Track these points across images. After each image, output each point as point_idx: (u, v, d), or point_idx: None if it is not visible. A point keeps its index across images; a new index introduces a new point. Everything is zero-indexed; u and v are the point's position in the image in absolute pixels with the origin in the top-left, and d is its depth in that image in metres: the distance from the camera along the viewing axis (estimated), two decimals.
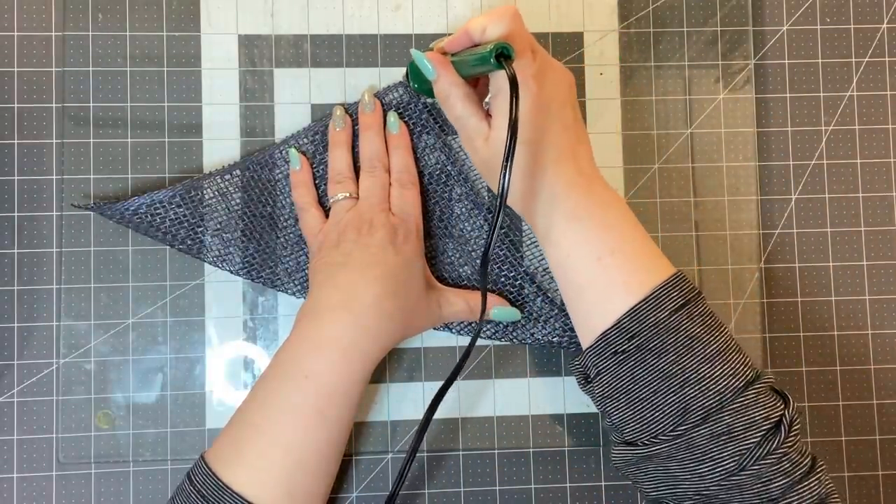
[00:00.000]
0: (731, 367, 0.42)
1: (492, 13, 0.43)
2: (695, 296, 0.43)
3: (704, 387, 0.41)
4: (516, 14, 0.43)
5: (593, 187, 0.45)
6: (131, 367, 0.52)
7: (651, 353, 0.42)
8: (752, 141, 0.56)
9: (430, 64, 0.46)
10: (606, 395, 0.44)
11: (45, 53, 0.53)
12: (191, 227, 0.51)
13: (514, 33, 0.42)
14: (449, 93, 0.46)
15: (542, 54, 0.44)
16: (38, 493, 0.51)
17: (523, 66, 0.42)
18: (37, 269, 0.52)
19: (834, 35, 0.57)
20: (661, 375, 0.42)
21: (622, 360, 0.43)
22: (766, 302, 0.55)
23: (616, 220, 0.44)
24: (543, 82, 0.43)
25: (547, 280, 0.52)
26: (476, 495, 0.53)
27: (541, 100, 0.43)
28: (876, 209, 0.56)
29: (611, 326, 0.43)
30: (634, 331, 0.42)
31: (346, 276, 0.46)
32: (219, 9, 0.54)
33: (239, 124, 0.53)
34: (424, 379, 0.53)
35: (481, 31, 0.43)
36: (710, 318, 0.43)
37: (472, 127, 0.45)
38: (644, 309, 0.42)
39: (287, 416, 0.44)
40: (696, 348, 0.42)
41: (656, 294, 0.43)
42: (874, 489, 0.55)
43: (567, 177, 0.44)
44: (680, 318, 0.42)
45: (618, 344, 0.43)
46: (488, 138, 0.45)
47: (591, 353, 0.44)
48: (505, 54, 0.41)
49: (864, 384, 0.55)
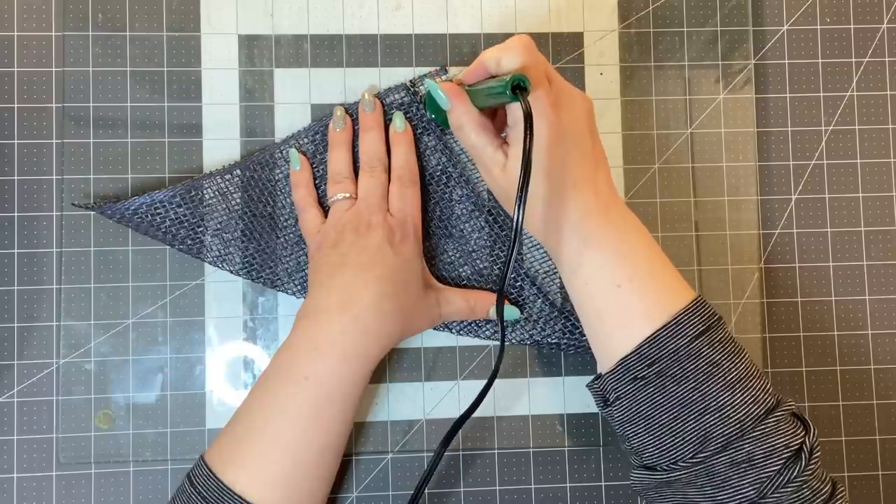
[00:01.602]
0: (751, 395, 0.42)
1: (506, 45, 0.43)
2: (715, 321, 0.43)
3: (725, 414, 0.41)
4: (530, 44, 0.43)
5: (612, 213, 0.45)
6: (131, 367, 0.52)
7: (671, 379, 0.42)
8: (752, 141, 0.56)
9: (444, 94, 0.46)
10: (625, 420, 0.44)
11: (45, 53, 0.53)
12: (191, 227, 0.51)
13: (529, 64, 0.42)
14: (463, 123, 0.46)
15: (558, 82, 0.44)
16: (38, 493, 0.51)
17: (540, 97, 0.42)
18: (37, 269, 0.52)
19: (834, 35, 0.57)
20: (682, 402, 0.42)
21: (642, 386, 0.43)
22: (766, 302, 0.55)
23: (635, 247, 0.44)
24: (561, 110, 0.43)
25: (547, 282, 0.53)
26: (476, 495, 0.53)
27: (559, 128, 0.43)
28: (876, 209, 0.56)
29: (630, 352, 0.43)
30: (654, 357, 0.42)
31: (345, 277, 0.46)
32: (219, 9, 0.54)
33: (239, 124, 0.53)
34: (424, 379, 0.53)
35: (496, 63, 0.43)
36: (730, 345, 0.43)
37: (488, 156, 0.45)
38: (664, 336, 0.42)
39: (287, 416, 0.44)
40: (716, 375, 0.42)
41: (676, 320, 0.42)
42: (874, 489, 0.55)
43: (586, 204, 0.44)
44: (700, 345, 0.42)
45: (637, 370, 0.43)
46: (505, 168, 0.45)
47: (610, 377, 0.44)
48: (521, 86, 0.40)
49: (864, 384, 0.55)
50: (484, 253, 0.52)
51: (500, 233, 0.52)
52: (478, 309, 0.51)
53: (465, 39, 0.55)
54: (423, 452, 0.53)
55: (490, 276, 0.52)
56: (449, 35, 0.55)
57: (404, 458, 0.53)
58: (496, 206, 0.52)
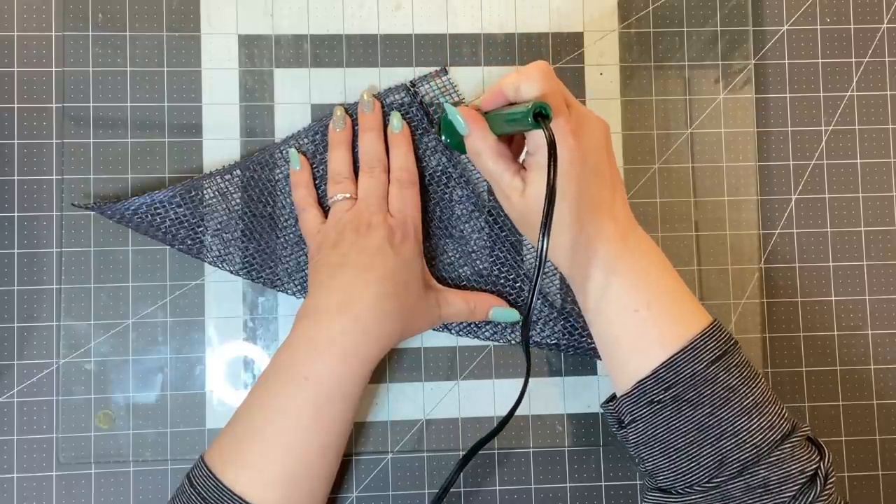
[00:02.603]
0: (767, 420, 0.42)
1: (525, 71, 0.43)
2: (731, 346, 0.43)
3: (741, 440, 0.41)
4: (549, 71, 0.43)
5: (630, 239, 0.45)
6: (131, 367, 0.52)
7: (688, 403, 0.42)
8: (752, 141, 0.56)
9: (462, 120, 0.46)
10: (641, 443, 0.44)
11: (45, 53, 0.53)
12: (191, 227, 0.51)
13: (548, 91, 0.42)
14: (481, 149, 0.46)
15: (577, 107, 0.44)
16: (38, 493, 0.51)
17: (561, 124, 0.42)
18: (37, 269, 0.52)
19: (834, 35, 0.57)
20: (698, 427, 0.42)
21: (658, 410, 0.43)
22: (766, 302, 0.55)
23: (652, 271, 0.45)
24: (580, 136, 0.43)
25: (547, 283, 0.52)
26: (476, 495, 0.53)
27: (578, 154, 0.43)
28: (876, 209, 0.56)
29: (647, 376, 0.43)
30: (671, 381, 0.42)
31: (346, 277, 0.46)
32: (219, 9, 0.54)
33: (239, 124, 0.53)
34: (424, 379, 0.53)
35: (515, 89, 0.43)
36: (746, 369, 0.43)
37: (506, 182, 0.45)
38: (681, 360, 0.42)
39: (287, 417, 0.44)
40: (733, 400, 0.42)
41: (693, 345, 0.43)
42: (874, 489, 0.55)
43: (604, 229, 0.44)
44: (717, 370, 0.42)
45: (654, 393, 0.43)
46: (524, 193, 0.45)
47: (626, 400, 0.44)
48: (543, 114, 0.40)
49: (864, 384, 0.55)
50: (484, 253, 0.52)
51: (500, 233, 0.52)
52: (478, 310, 0.51)
53: (465, 39, 0.55)
54: (424, 452, 0.53)
55: (490, 276, 0.52)
56: (449, 35, 0.55)
57: (404, 458, 0.53)
58: (496, 206, 0.52)
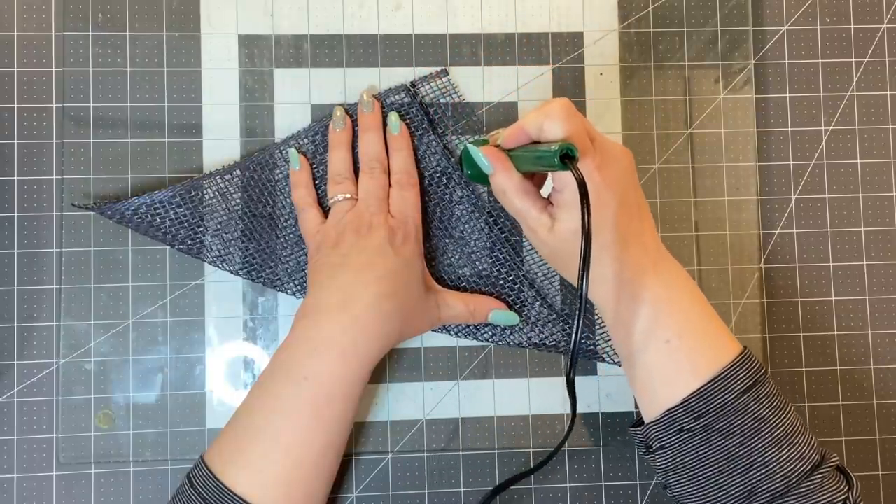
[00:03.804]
0: (797, 451, 0.42)
1: (547, 111, 0.42)
2: (762, 375, 0.44)
3: (771, 471, 0.41)
4: (571, 108, 0.43)
5: (661, 269, 0.45)
6: (131, 367, 0.52)
7: (718, 433, 0.42)
8: (752, 141, 0.56)
9: (486, 160, 0.45)
10: (669, 469, 0.44)
11: (45, 53, 0.53)
12: (191, 227, 0.51)
13: (572, 131, 0.42)
14: (506, 188, 0.45)
15: (600, 140, 0.44)
16: (38, 493, 0.51)
17: (587, 162, 0.42)
18: (37, 269, 0.52)
19: (834, 35, 0.57)
20: (728, 457, 0.42)
21: (687, 438, 0.43)
22: (766, 302, 0.55)
23: (683, 301, 0.45)
24: (606, 171, 0.43)
25: (546, 285, 0.52)
26: (476, 495, 0.53)
27: (605, 189, 0.43)
28: (876, 209, 0.56)
29: (677, 405, 0.43)
30: (701, 411, 0.42)
31: (345, 277, 0.46)
32: (219, 9, 0.54)
33: (239, 124, 0.53)
34: (424, 379, 0.53)
35: (538, 128, 0.43)
36: (776, 399, 0.43)
37: (533, 218, 0.45)
38: (712, 390, 0.42)
39: (287, 417, 0.44)
40: (763, 431, 0.42)
41: (724, 375, 0.43)
42: (874, 489, 0.55)
43: (634, 260, 0.44)
44: (747, 400, 0.42)
45: (684, 422, 0.43)
46: (553, 229, 0.44)
47: (655, 427, 0.44)
48: (569, 155, 0.40)
49: (864, 384, 0.55)
50: (483, 254, 0.52)
51: (500, 235, 0.52)
52: (477, 313, 0.51)
53: (465, 39, 0.55)
54: (424, 452, 0.53)
55: (489, 277, 0.52)
56: (449, 35, 0.55)
57: (404, 458, 0.53)
58: (496, 207, 0.52)
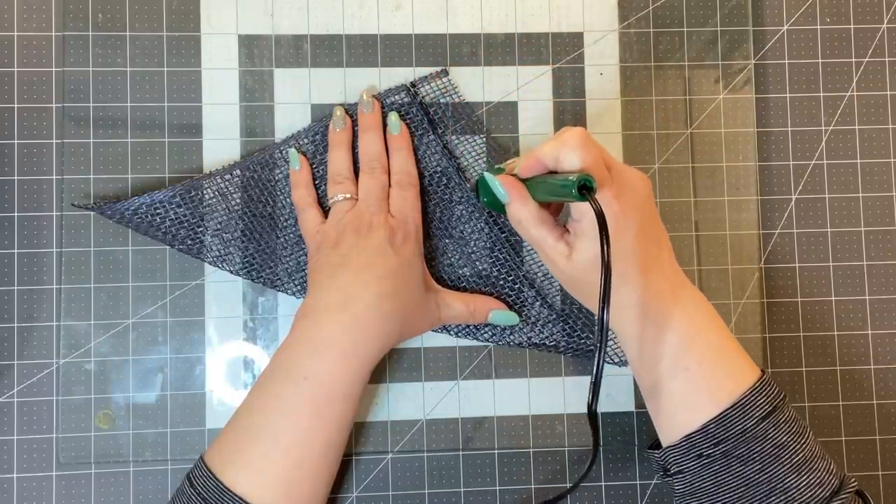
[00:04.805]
0: (817, 477, 0.42)
1: (563, 141, 0.42)
2: (781, 401, 0.44)
3: (791, 497, 0.41)
4: (587, 138, 0.43)
5: (681, 295, 0.45)
6: (131, 367, 0.52)
7: (737, 459, 0.42)
8: (752, 141, 0.56)
9: (502, 189, 0.45)
10: (687, 493, 0.44)
11: (45, 53, 0.53)
12: (191, 227, 0.51)
13: (589, 162, 0.41)
14: (522, 217, 0.45)
15: (616, 168, 0.44)
16: (38, 493, 0.51)
17: (604, 192, 0.42)
18: (37, 269, 0.52)
19: (834, 35, 0.57)
20: (747, 483, 0.42)
21: (707, 464, 0.43)
22: (766, 302, 0.55)
23: (703, 328, 0.45)
24: (624, 199, 0.43)
25: (546, 285, 0.52)
26: (476, 495, 0.53)
27: (623, 217, 0.43)
28: (876, 209, 0.56)
29: (696, 430, 0.43)
30: (721, 437, 0.42)
31: (345, 277, 0.46)
32: (219, 9, 0.54)
33: (239, 124, 0.53)
34: (424, 379, 0.53)
35: (554, 159, 0.43)
36: (795, 425, 0.43)
37: (550, 247, 0.45)
38: (731, 416, 0.42)
39: (286, 417, 0.44)
40: (782, 457, 0.42)
41: (743, 401, 0.43)
42: (874, 489, 0.55)
43: (654, 286, 0.44)
44: (767, 427, 0.42)
45: (703, 448, 0.43)
46: (570, 258, 0.44)
47: (674, 451, 0.44)
48: (588, 186, 0.40)
49: (864, 384, 0.55)
50: (483, 254, 0.52)
51: (500, 234, 0.52)
52: (477, 313, 0.51)
53: (465, 39, 0.55)
54: (424, 452, 0.53)
55: (489, 277, 0.52)
56: (449, 35, 0.55)
57: (404, 458, 0.53)
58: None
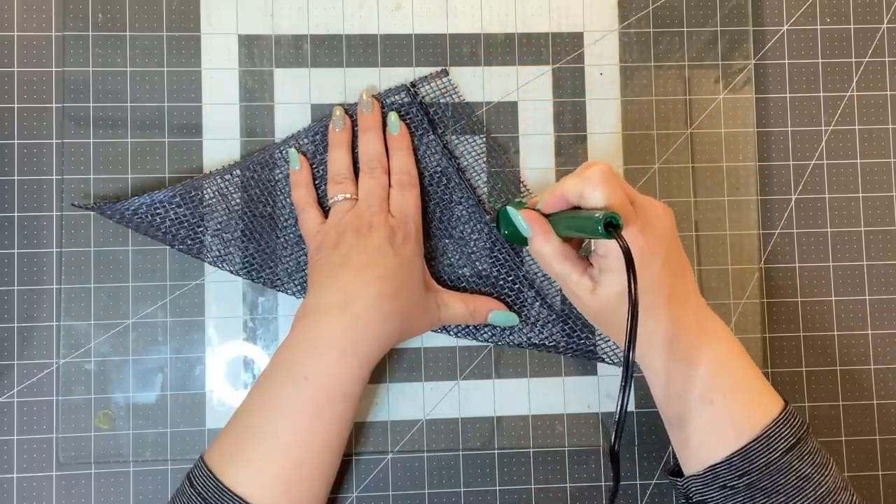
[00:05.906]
0: None
1: (586, 177, 0.42)
2: (804, 432, 0.44)
3: None
4: (611, 174, 0.42)
5: (706, 327, 0.45)
6: (131, 367, 0.52)
7: (761, 492, 0.42)
8: (752, 141, 0.56)
9: (525, 223, 0.46)
10: None
11: (45, 53, 0.53)
12: (191, 227, 0.51)
13: (614, 200, 0.41)
14: (544, 252, 0.46)
15: (640, 201, 0.44)
16: (38, 493, 0.51)
17: (630, 228, 0.42)
18: (37, 269, 0.52)
19: (834, 35, 0.57)
20: None
21: (731, 495, 0.43)
22: (766, 302, 0.55)
23: (727, 360, 0.45)
24: (648, 233, 0.43)
25: (546, 285, 0.52)
26: (476, 495, 0.53)
27: (649, 252, 0.43)
28: (876, 209, 0.56)
29: (720, 462, 0.43)
30: (745, 469, 0.43)
31: (346, 277, 0.46)
32: (219, 9, 0.54)
33: (239, 124, 0.53)
34: (424, 379, 0.53)
35: (578, 196, 0.43)
36: (818, 456, 0.43)
37: (574, 282, 0.45)
38: (755, 449, 0.43)
39: (286, 417, 0.44)
40: (806, 489, 0.42)
41: (767, 434, 0.43)
42: (874, 489, 0.55)
43: (679, 318, 0.44)
44: (791, 459, 0.43)
45: (727, 479, 0.43)
46: (595, 293, 0.44)
47: (697, 481, 0.44)
48: (613, 223, 0.39)
49: (864, 384, 0.55)
50: (484, 254, 0.52)
51: (500, 235, 0.52)
52: (477, 314, 0.51)
53: (465, 39, 0.55)
54: (424, 452, 0.53)
55: (489, 278, 0.52)
56: (449, 35, 0.55)
57: (404, 458, 0.53)
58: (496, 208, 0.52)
